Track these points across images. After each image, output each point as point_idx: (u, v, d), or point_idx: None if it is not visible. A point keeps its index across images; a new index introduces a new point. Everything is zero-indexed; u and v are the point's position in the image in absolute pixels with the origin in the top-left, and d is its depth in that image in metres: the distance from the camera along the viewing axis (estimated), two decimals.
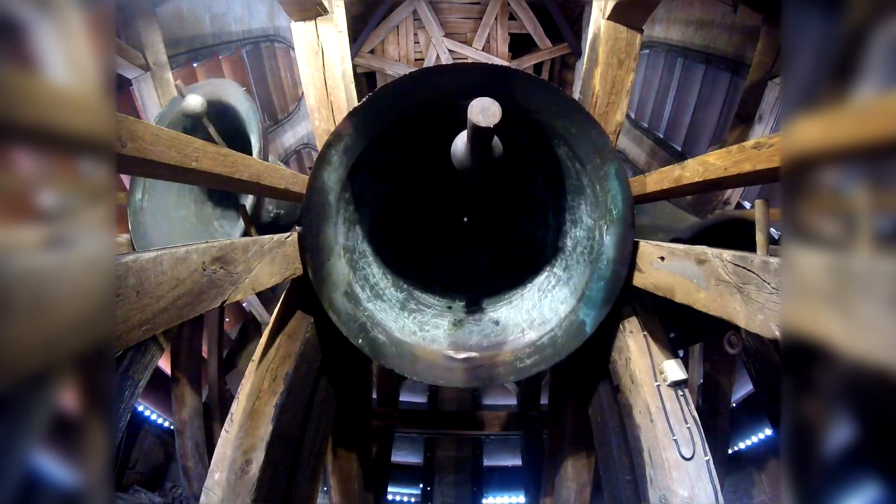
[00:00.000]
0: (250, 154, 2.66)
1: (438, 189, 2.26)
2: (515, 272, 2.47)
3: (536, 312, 2.08)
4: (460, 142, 1.68)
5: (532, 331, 1.99)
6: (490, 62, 9.63)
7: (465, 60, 9.28)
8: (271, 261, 1.64)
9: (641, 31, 2.38)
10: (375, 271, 2.15)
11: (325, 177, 1.79)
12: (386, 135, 1.84)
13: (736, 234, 2.59)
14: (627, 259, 1.82)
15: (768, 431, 5.24)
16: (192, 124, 3.01)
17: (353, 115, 1.74)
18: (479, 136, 1.48)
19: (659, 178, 1.98)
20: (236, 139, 3.01)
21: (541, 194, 2.37)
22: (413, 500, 7.64)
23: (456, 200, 2.29)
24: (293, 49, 3.05)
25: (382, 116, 1.77)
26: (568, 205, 2.09)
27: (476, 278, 2.68)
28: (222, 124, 3.10)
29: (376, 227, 2.21)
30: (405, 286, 2.27)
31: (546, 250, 2.35)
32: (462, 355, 1.96)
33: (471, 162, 1.67)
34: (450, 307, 2.29)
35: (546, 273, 2.23)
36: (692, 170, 1.71)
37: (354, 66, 5.67)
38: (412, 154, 2.17)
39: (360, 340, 1.89)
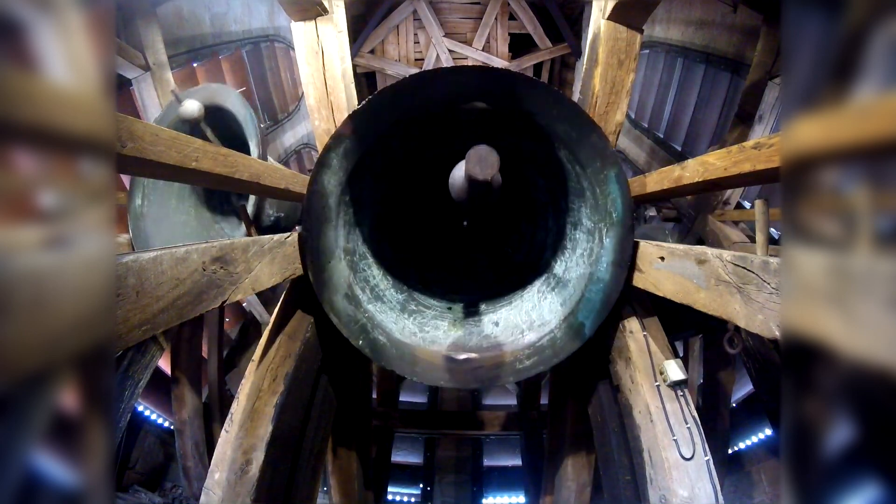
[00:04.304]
0: None
1: (438, 192, 2.26)
2: (515, 274, 2.46)
3: (536, 314, 2.08)
4: (458, 173, 1.66)
5: (531, 332, 1.98)
6: (490, 64, 9.65)
7: (466, 62, 9.28)
8: (271, 261, 1.64)
9: (641, 31, 2.37)
10: (376, 273, 2.15)
11: (325, 180, 1.79)
12: (385, 138, 1.84)
13: None
14: (627, 262, 1.82)
15: (768, 431, 5.25)
16: (191, 129, 3.01)
17: (353, 118, 1.74)
18: (476, 187, 1.49)
19: (659, 178, 1.98)
20: (234, 144, 3.01)
21: (541, 197, 2.36)
22: (413, 500, 7.64)
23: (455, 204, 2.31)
24: (293, 49, 3.05)
25: (382, 119, 1.77)
26: (568, 208, 2.08)
27: (476, 280, 2.67)
28: (220, 128, 3.08)
29: (376, 230, 2.20)
30: (405, 288, 2.27)
31: (546, 252, 2.34)
32: (462, 356, 1.95)
33: (467, 202, 1.69)
34: (450, 308, 2.28)
35: (546, 275, 2.23)
36: (692, 170, 1.71)
37: (354, 66, 5.67)
38: (412, 157, 2.17)
39: (361, 342, 1.89)
